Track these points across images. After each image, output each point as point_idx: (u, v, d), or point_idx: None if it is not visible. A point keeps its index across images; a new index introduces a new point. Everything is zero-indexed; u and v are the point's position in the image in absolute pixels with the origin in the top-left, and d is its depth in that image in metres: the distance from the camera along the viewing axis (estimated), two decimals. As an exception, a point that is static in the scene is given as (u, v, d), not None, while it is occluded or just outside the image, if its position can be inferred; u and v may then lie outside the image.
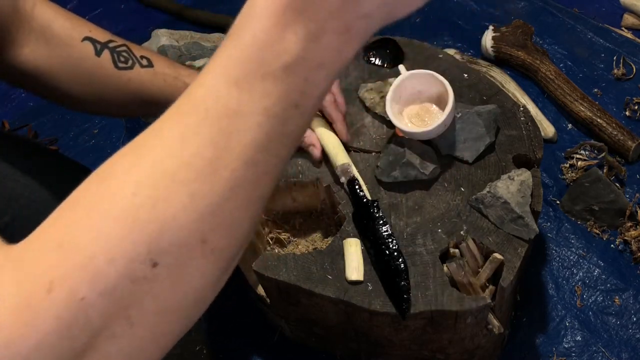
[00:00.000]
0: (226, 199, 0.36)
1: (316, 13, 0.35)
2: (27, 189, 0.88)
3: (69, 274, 0.34)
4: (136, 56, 0.80)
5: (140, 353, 0.36)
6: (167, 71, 0.80)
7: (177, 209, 0.35)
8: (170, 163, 0.36)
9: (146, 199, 0.35)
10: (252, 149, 0.36)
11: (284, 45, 0.35)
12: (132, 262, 0.34)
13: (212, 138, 0.36)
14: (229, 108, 0.36)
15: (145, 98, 0.80)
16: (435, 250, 0.75)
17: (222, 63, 0.37)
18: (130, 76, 0.78)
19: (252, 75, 0.36)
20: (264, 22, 0.35)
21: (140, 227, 0.35)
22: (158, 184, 0.36)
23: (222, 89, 0.36)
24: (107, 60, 0.77)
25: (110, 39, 0.79)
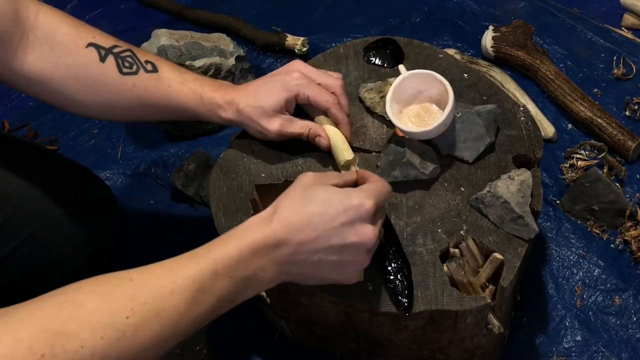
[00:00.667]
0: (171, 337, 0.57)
1: (272, 260, 0.61)
2: (20, 189, 0.88)
3: (57, 355, 0.47)
4: (141, 61, 0.80)
5: None
6: (172, 76, 0.80)
7: (148, 336, 0.54)
8: (159, 307, 0.55)
9: (133, 324, 0.53)
10: (199, 317, 0.58)
11: (246, 265, 0.60)
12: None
13: (181, 303, 0.57)
14: (202, 286, 0.58)
15: (150, 103, 0.80)
16: (435, 250, 0.75)
17: (208, 257, 0.59)
18: (135, 81, 0.78)
19: (223, 275, 0.59)
20: (244, 248, 0.60)
21: (121, 342, 0.51)
22: (145, 318, 0.53)
23: (206, 273, 0.58)
24: (111, 66, 0.78)
25: (115, 44, 0.79)
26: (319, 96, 0.79)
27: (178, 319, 0.56)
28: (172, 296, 0.56)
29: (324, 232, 0.61)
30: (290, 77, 0.79)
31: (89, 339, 0.50)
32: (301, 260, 0.62)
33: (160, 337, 0.55)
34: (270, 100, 0.78)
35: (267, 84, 0.80)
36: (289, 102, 0.79)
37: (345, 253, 0.62)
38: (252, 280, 0.61)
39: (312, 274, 0.64)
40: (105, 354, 0.50)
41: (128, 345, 0.52)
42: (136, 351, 0.53)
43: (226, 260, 0.59)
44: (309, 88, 0.79)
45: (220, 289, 0.59)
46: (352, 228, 0.61)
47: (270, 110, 0.79)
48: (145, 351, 0.54)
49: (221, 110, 0.80)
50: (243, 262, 0.60)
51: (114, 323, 0.51)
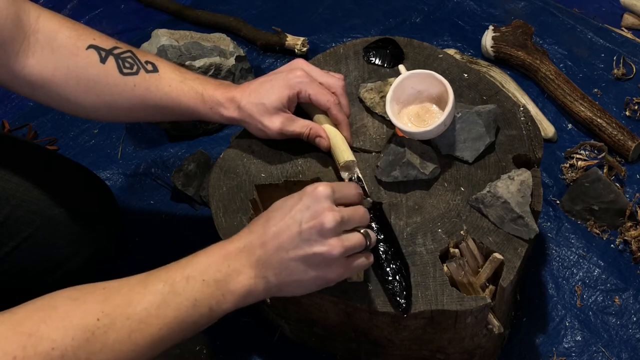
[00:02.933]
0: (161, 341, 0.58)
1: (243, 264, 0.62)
2: (19, 188, 0.88)
3: (29, 357, 0.49)
4: (141, 61, 0.80)
5: None
6: (172, 75, 0.80)
7: (119, 339, 0.55)
8: (130, 310, 0.56)
9: (103, 326, 0.54)
10: (173, 322, 0.58)
11: (218, 267, 0.61)
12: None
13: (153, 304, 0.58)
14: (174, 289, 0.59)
15: (151, 103, 0.80)
16: (435, 250, 0.75)
17: (179, 264, 0.62)
18: (135, 81, 0.79)
19: (194, 279, 0.60)
20: (213, 256, 0.62)
21: (91, 344, 0.52)
22: (116, 320, 0.55)
23: (177, 277, 0.60)
24: (112, 66, 0.78)
25: (115, 46, 0.79)
26: (320, 95, 0.79)
27: (149, 322, 0.56)
28: (143, 299, 0.57)
29: (283, 223, 0.61)
30: (292, 74, 0.79)
31: (60, 340, 0.51)
32: (271, 258, 0.61)
33: (131, 341, 0.55)
34: (273, 98, 0.78)
35: (269, 82, 0.80)
36: (290, 100, 0.79)
37: (308, 241, 0.60)
38: (228, 284, 0.61)
39: (288, 276, 0.62)
40: (75, 355, 0.51)
41: (98, 347, 0.53)
42: (106, 354, 0.53)
43: (197, 265, 0.61)
44: (311, 87, 0.79)
45: (194, 292, 0.59)
46: (308, 211, 0.61)
47: (272, 108, 0.79)
48: (116, 354, 0.54)
49: (222, 108, 0.80)
50: (214, 265, 0.61)
51: (84, 324, 0.53)
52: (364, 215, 0.65)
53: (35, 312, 0.53)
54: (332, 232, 0.61)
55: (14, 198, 0.87)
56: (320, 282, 0.64)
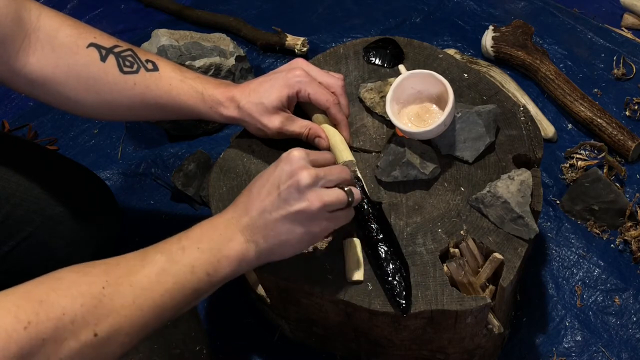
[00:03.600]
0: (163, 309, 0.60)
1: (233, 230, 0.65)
2: (19, 188, 0.88)
3: (42, 321, 0.51)
4: (141, 60, 0.80)
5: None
6: (172, 74, 0.80)
7: (124, 304, 0.57)
8: (132, 278, 0.59)
9: (109, 293, 0.56)
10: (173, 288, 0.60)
11: (211, 236, 0.64)
12: (85, 327, 0.53)
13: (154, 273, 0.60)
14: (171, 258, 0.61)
15: (151, 101, 0.80)
16: (435, 250, 0.75)
17: (174, 238, 0.64)
18: (135, 80, 0.79)
19: (190, 248, 0.62)
20: (205, 227, 0.65)
21: (99, 309, 0.54)
22: (120, 288, 0.57)
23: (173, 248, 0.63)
24: (112, 65, 0.78)
25: (116, 44, 0.79)
26: (320, 95, 0.79)
27: (151, 288, 0.59)
28: (143, 269, 0.59)
29: (264, 190, 0.65)
30: (292, 74, 0.79)
31: (70, 306, 0.53)
32: (257, 222, 0.64)
33: (136, 306, 0.57)
34: (272, 97, 0.78)
35: (269, 81, 0.80)
36: (290, 99, 0.79)
37: (289, 200, 0.63)
38: (221, 250, 0.63)
39: (277, 237, 0.65)
40: (84, 320, 0.53)
41: (106, 312, 0.55)
42: (114, 318, 0.55)
43: (191, 237, 0.64)
44: (310, 86, 0.79)
45: (189, 260, 0.61)
46: (284, 173, 0.64)
47: (272, 107, 0.79)
48: (124, 320, 0.56)
49: (222, 107, 0.80)
50: (207, 236, 0.64)
51: (91, 292, 0.55)
52: (341, 171, 0.68)
53: (43, 282, 0.55)
54: (308, 188, 0.63)
55: (14, 197, 0.87)
56: (307, 238, 0.66)
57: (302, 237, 0.65)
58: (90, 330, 0.54)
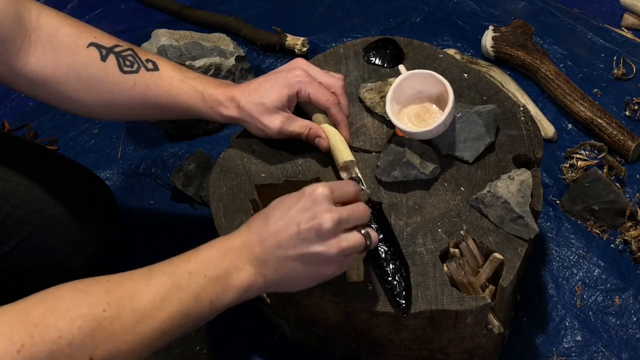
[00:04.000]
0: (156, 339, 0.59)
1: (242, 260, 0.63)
2: (19, 188, 0.88)
3: (37, 344, 0.50)
4: (142, 60, 0.80)
5: None
6: (172, 74, 0.80)
7: (125, 329, 0.56)
8: (135, 302, 0.57)
9: (109, 316, 0.55)
10: (176, 314, 0.59)
11: (220, 263, 0.62)
12: (81, 351, 0.52)
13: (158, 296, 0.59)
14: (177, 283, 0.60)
15: (151, 101, 0.80)
16: (435, 250, 0.75)
17: (182, 259, 0.63)
18: (136, 80, 0.79)
19: (197, 274, 0.61)
20: (213, 251, 0.63)
21: (97, 333, 0.53)
22: (121, 311, 0.56)
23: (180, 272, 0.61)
24: (112, 64, 0.78)
25: (116, 44, 0.79)
26: (320, 95, 0.79)
27: (153, 314, 0.57)
28: (147, 292, 0.58)
29: (282, 222, 0.62)
30: (292, 74, 0.79)
31: (67, 329, 0.52)
32: (269, 256, 0.63)
33: (136, 331, 0.56)
34: (272, 97, 0.78)
35: (269, 81, 0.80)
36: (290, 99, 0.79)
37: (306, 241, 0.62)
38: (228, 280, 0.62)
39: (286, 273, 0.64)
40: (82, 343, 0.52)
41: (105, 336, 0.54)
42: (113, 343, 0.54)
43: (199, 260, 0.62)
44: (311, 86, 0.79)
45: (195, 287, 0.60)
46: (306, 212, 0.62)
47: (272, 107, 0.79)
48: (121, 345, 0.55)
49: (222, 107, 0.80)
50: (216, 261, 0.62)
51: (91, 314, 0.54)
52: (363, 212, 0.66)
53: (41, 302, 0.54)
54: (330, 233, 0.62)
55: (14, 197, 0.87)
56: (317, 279, 0.65)
57: (312, 276, 0.65)
58: (87, 354, 0.53)
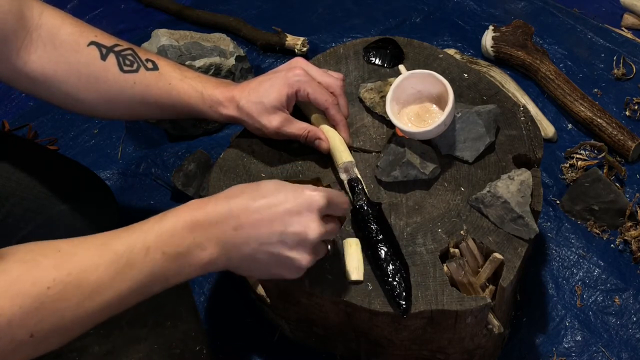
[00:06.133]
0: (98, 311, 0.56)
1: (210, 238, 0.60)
2: (19, 187, 0.88)
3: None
4: (141, 59, 0.80)
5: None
6: (172, 74, 0.81)
7: (69, 306, 0.53)
8: (83, 278, 0.54)
9: (53, 294, 0.52)
10: (126, 292, 0.57)
11: (182, 240, 0.59)
12: (21, 328, 0.51)
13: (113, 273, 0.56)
14: (131, 261, 0.57)
15: (151, 100, 0.80)
16: (435, 250, 0.75)
17: (142, 230, 0.59)
18: (135, 79, 0.79)
19: (155, 250, 0.58)
20: (180, 223, 0.59)
21: (40, 312, 0.52)
22: (67, 289, 0.53)
23: (138, 245, 0.58)
24: (112, 64, 0.78)
25: (116, 43, 0.79)
26: (319, 95, 0.79)
27: (100, 292, 0.55)
28: (97, 269, 0.55)
29: (269, 215, 0.60)
30: (292, 73, 0.79)
31: (8, 307, 0.50)
32: (241, 243, 0.60)
33: (80, 309, 0.54)
34: (272, 97, 0.78)
35: (268, 80, 0.80)
36: (289, 98, 0.79)
37: (286, 244, 0.60)
38: (188, 258, 0.59)
39: (251, 262, 0.62)
40: (22, 322, 0.51)
41: (47, 315, 0.52)
42: (55, 321, 0.53)
43: (160, 235, 0.58)
44: (310, 85, 0.79)
45: (151, 265, 0.57)
46: (297, 217, 0.60)
47: (271, 107, 0.79)
48: (65, 321, 0.54)
49: (222, 107, 0.80)
50: (178, 237, 0.59)
51: (33, 293, 0.52)
52: (337, 231, 0.67)
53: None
54: (311, 245, 0.61)
55: (14, 196, 0.87)
56: (275, 276, 0.64)
57: (272, 274, 0.64)
58: (28, 330, 0.51)
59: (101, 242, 0.57)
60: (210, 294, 1.05)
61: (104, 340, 0.79)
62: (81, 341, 0.79)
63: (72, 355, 0.78)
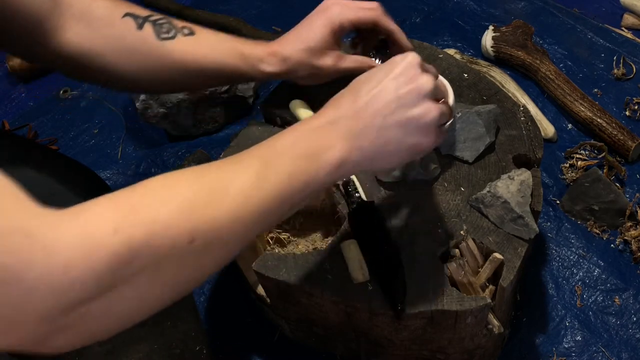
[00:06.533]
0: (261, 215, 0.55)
1: (336, 136, 0.59)
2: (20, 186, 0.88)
3: (133, 226, 0.46)
4: (177, 26, 0.80)
5: (144, 303, 0.49)
6: (210, 37, 0.80)
7: (220, 210, 0.51)
8: (228, 185, 0.53)
9: (201, 199, 0.51)
10: (271, 194, 0.55)
11: (309, 142, 0.58)
12: (179, 234, 0.48)
13: (258, 172, 0.55)
14: (266, 162, 0.56)
15: (190, 67, 0.80)
16: (435, 250, 0.75)
17: (269, 141, 0.59)
18: (173, 46, 0.78)
19: (285, 154, 0.57)
20: (298, 132, 0.59)
21: (193, 215, 0.49)
22: (214, 194, 0.52)
23: (269, 153, 0.57)
24: (149, 32, 0.78)
25: (151, 14, 0.79)
26: (362, 14, 0.77)
27: (249, 194, 0.53)
28: (237, 175, 0.54)
29: (377, 91, 0.59)
30: (329, 12, 0.78)
31: (162, 212, 0.48)
32: (367, 127, 0.59)
33: (232, 213, 0.52)
34: (317, 38, 0.78)
35: (307, 25, 0.79)
36: (335, 35, 0.78)
37: (406, 105, 0.59)
38: (320, 157, 0.58)
39: (384, 144, 0.59)
40: (178, 226, 0.48)
41: (200, 218, 0.50)
42: (210, 225, 0.50)
43: (285, 143, 0.58)
44: (349, 12, 0.77)
45: (286, 166, 0.56)
46: (403, 77, 0.59)
47: (320, 49, 0.78)
48: (219, 227, 0.51)
49: (264, 64, 0.80)
50: (303, 140, 0.58)
51: (183, 198, 0.50)
52: (444, 87, 0.66)
53: (131, 191, 0.50)
54: (429, 95, 0.60)
55: None
56: (414, 150, 0.61)
57: (410, 147, 0.60)
58: (186, 236, 0.48)
59: (229, 160, 0.57)
60: (210, 294, 1.05)
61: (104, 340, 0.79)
62: (81, 341, 0.79)
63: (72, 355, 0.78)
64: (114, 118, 1.34)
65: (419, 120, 0.59)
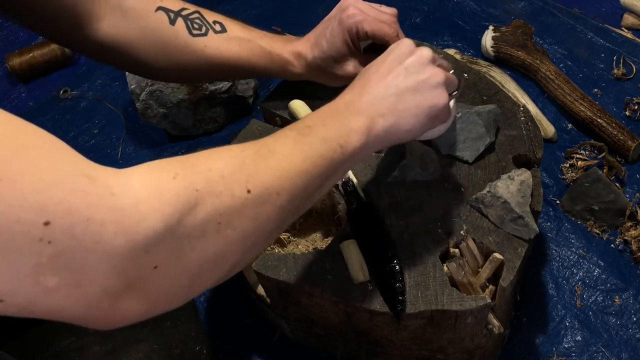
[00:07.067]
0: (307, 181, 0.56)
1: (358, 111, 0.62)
2: None
3: (191, 174, 0.47)
4: (209, 22, 0.81)
5: (213, 261, 0.48)
6: (240, 35, 0.82)
7: (269, 166, 0.53)
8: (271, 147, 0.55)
9: (250, 157, 0.52)
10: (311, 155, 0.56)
11: (337, 119, 0.61)
12: (236, 183, 0.49)
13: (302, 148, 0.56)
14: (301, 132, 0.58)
15: (221, 63, 0.81)
16: (435, 250, 0.75)
17: (303, 120, 0.61)
18: (205, 42, 0.80)
19: (316, 124, 0.59)
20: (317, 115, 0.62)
21: (244, 168, 0.51)
22: (259, 153, 0.53)
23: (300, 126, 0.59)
24: (181, 28, 0.79)
25: (183, 7, 0.80)
26: (377, 30, 0.78)
27: (290, 154, 0.55)
28: (277, 141, 0.56)
29: (385, 67, 0.64)
30: (345, 15, 0.78)
31: (214, 164, 0.50)
32: (381, 97, 0.63)
33: (280, 168, 0.54)
34: (336, 46, 0.79)
35: (326, 30, 0.80)
36: (353, 41, 0.79)
37: (413, 73, 0.64)
38: (348, 124, 0.60)
39: (403, 110, 0.63)
40: (233, 176, 0.49)
41: (252, 171, 0.51)
42: (262, 177, 0.52)
43: (311, 118, 0.61)
44: (367, 23, 0.78)
45: (320, 133, 0.59)
46: (406, 49, 0.65)
47: (338, 56, 0.80)
48: (271, 178, 0.52)
49: (290, 66, 0.82)
50: (327, 115, 0.61)
51: (232, 155, 0.52)
52: (449, 65, 0.70)
53: (180, 157, 0.51)
54: (432, 61, 0.65)
55: None
56: (433, 111, 0.64)
57: (428, 108, 0.64)
58: (243, 186, 0.49)
59: (263, 138, 0.57)
60: (210, 294, 1.05)
61: (104, 340, 0.79)
62: (81, 341, 0.79)
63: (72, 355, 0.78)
64: (114, 118, 1.34)
65: (429, 82, 0.64)
